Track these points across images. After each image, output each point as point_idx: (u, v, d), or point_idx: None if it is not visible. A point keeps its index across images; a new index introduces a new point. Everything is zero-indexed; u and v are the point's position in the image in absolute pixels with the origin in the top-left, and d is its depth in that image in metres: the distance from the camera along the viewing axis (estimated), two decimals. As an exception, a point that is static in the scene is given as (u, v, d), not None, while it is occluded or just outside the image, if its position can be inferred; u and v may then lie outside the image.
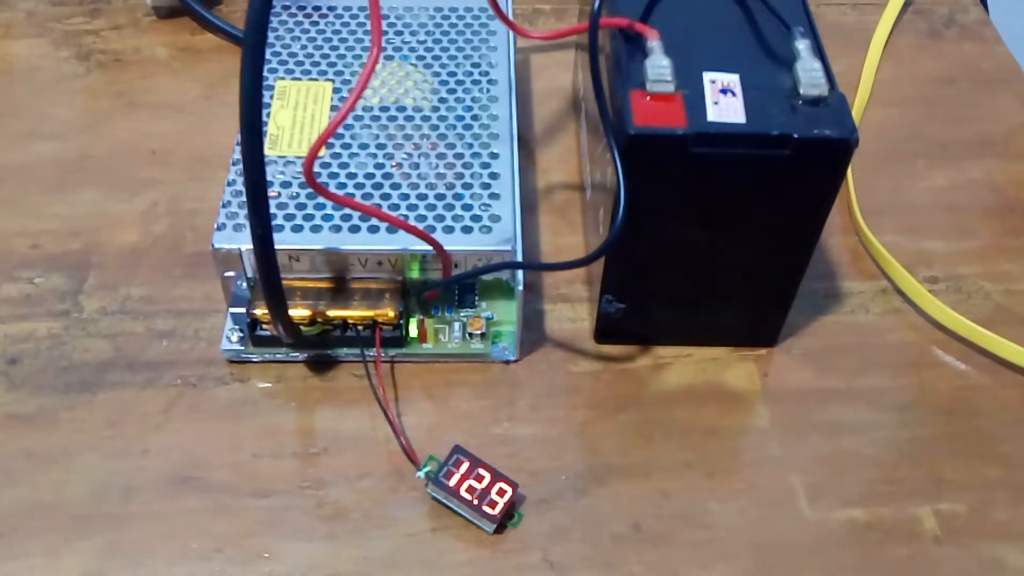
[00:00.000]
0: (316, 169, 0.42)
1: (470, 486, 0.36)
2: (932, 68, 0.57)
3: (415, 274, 0.41)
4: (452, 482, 0.36)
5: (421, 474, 0.37)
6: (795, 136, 0.35)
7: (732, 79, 0.36)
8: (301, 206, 0.41)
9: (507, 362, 0.42)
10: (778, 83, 0.36)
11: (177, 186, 0.48)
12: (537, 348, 0.43)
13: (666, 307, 0.41)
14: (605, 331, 0.43)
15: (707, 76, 0.36)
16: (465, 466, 0.37)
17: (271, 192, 0.41)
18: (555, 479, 0.39)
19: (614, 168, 0.36)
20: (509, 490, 0.36)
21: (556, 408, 0.41)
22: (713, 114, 0.35)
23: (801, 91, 0.35)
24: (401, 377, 0.42)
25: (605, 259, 0.39)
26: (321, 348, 0.42)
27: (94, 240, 0.46)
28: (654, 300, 0.41)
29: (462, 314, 0.43)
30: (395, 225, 0.39)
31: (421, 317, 0.42)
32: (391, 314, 0.40)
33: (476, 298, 0.43)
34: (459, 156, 0.43)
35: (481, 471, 0.37)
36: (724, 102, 0.35)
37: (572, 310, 0.45)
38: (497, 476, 0.37)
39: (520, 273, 0.40)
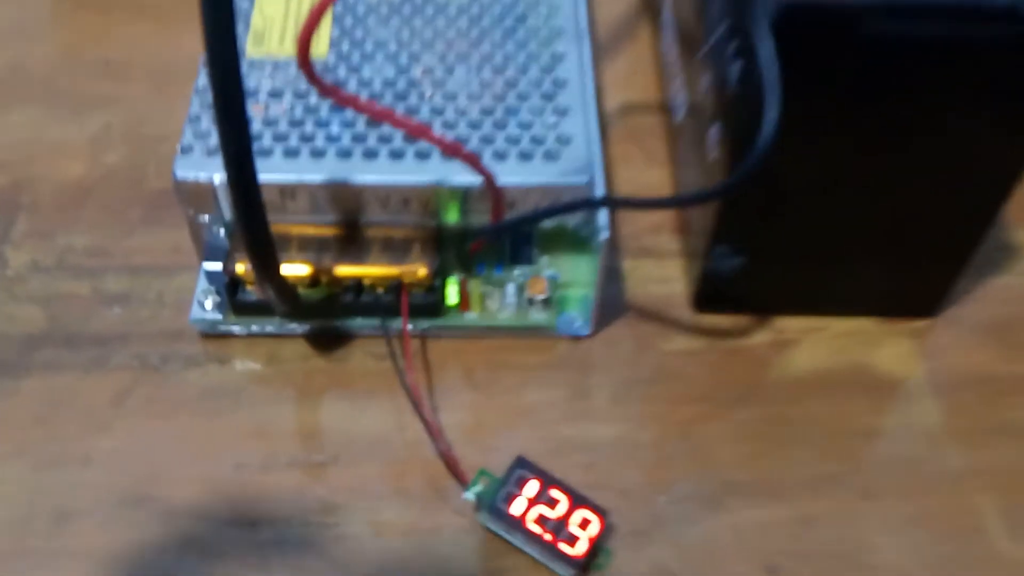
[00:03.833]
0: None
1: (541, 515, 0.26)
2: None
3: (454, 218, 0.30)
4: (515, 509, 0.26)
5: (470, 495, 0.27)
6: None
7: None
8: (296, 123, 0.30)
9: (578, 338, 0.32)
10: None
11: (136, 105, 0.37)
12: (616, 319, 0.32)
13: (798, 262, 0.30)
14: (709, 295, 0.32)
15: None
16: (533, 486, 0.26)
17: (256, 106, 0.30)
18: (653, 502, 0.28)
19: (751, 62, 0.25)
20: (596, 520, 0.26)
21: (647, 401, 0.30)
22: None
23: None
24: (436, 358, 0.31)
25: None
26: (327, 318, 0.31)
27: (25, 174, 0.35)
28: (784, 252, 0.30)
29: (517, 273, 0.32)
30: (430, 142, 0.28)
31: (463, 277, 0.32)
32: (422, 272, 0.30)
33: (535, 252, 0.32)
34: (510, 57, 0.32)
35: (555, 493, 0.26)
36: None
37: (660, 268, 0.34)
38: (578, 500, 0.26)
39: (604, 215, 0.28)
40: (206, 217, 0.30)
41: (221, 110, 0.22)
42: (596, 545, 0.26)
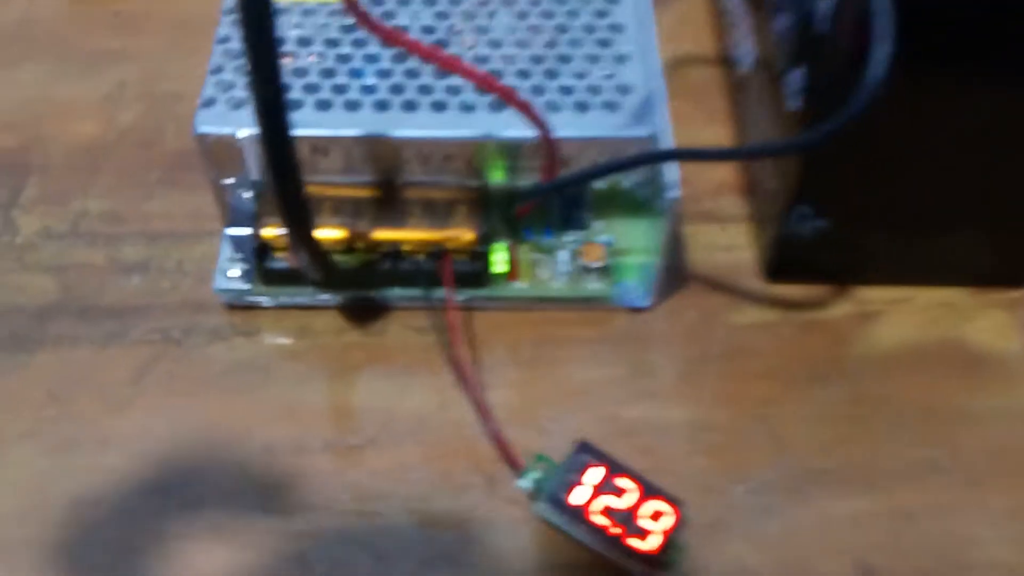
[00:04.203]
0: (348, 20, 0.28)
1: (607, 506, 0.23)
2: None
3: (500, 176, 0.28)
4: (578, 499, 0.23)
5: (526, 483, 0.24)
6: None
7: None
8: (328, 72, 0.27)
9: (637, 310, 0.29)
10: None
11: (152, 61, 0.34)
12: (677, 289, 0.29)
13: (887, 226, 0.27)
14: (784, 263, 0.29)
15: None
16: (598, 473, 0.23)
17: (284, 56, 0.28)
18: (729, 492, 0.25)
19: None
20: (670, 512, 0.23)
21: (717, 379, 0.27)
22: None
23: None
24: (482, 331, 0.28)
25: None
26: (363, 288, 0.28)
27: (35, 135, 0.32)
28: (873, 214, 0.27)
29: (569, 239, 0.29)
30: (481, 84, 0.24)
31: (511, 242, 0.29)
32: (468, 237, 0.27)
33: (588, 215, 0.29)
34: (559, 1, 0.29)
35: (623, 481, 0.23)
36: None
37: (725, 234, 0.31)
38: (650, 490, 0.23)
39: (675, 170, 0.26)
40: (232, 179, 0.27)
41: (251, 42, 0.19)
42: (669, 540, 0.23)
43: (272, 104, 0.20)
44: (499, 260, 0.28)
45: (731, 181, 0.32)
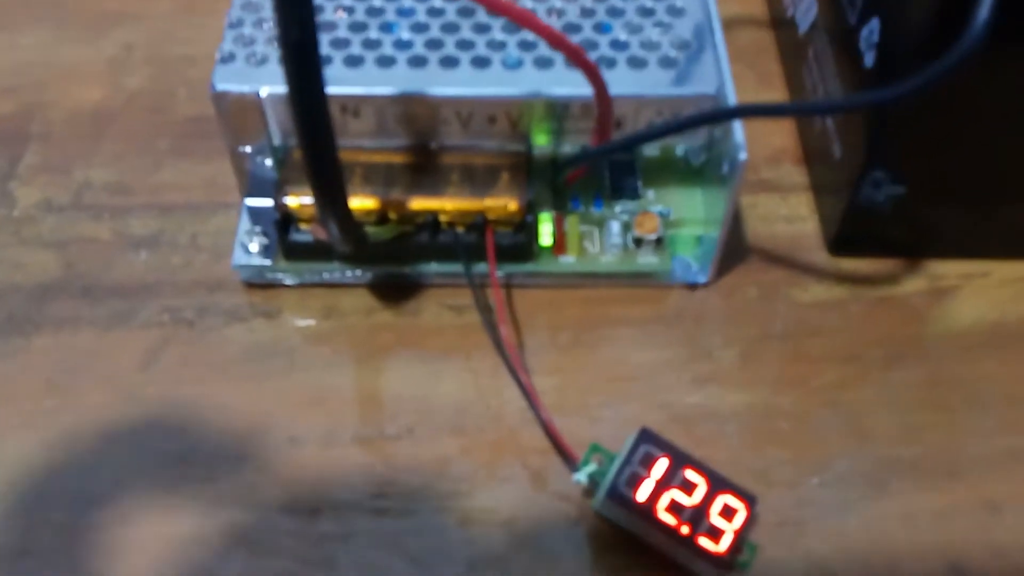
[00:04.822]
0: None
1: (673, 502, 0.21)
2: None
3: (545, 140, 0.25)
4: (642, 494, 0.21)
5: (582, 476, 0.22)
6: None
7: None
8: (359, 26, 0.25)
9: (694, 286, 0.26)
10: None
11: (162, 21, 0.32)
12: (736, 264, 0.27)
13: (968, 194, 0.25)
14: (852, 235, 0.26)
15: None
16: (662, 465, 0.21)
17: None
18: (802, 484, 0.23)
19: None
20: (742, 508, 0.21)
21: (783, 361, 0.25)
22: None
23: None
24: (525, 309, 0.26)
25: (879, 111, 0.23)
26: (396, 263, 0.25)
27: (36, 100, 0.30)
28: (954, 181, 0.24)
29: (619, 210, 0.27)
30: (554, 43, 0.22)
31: (558, 213, 0.26)
32: (512, 207, 0.24)
33: (640, 183, 0.27)
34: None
35: (691, 474, 0.21)
36: None
37: (785, 204, 0.28)
38: (719, 484, 0.21)
39: (740, 132, 0.23)
40: (250, 148, 0.25)
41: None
42: (740, 539, 0.21)
43: (304, 49, 0.18)
44: (545, 232, 0.25)
45: (790, 148, 0.29)
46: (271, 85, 0.23)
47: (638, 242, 0.26)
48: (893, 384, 0.25)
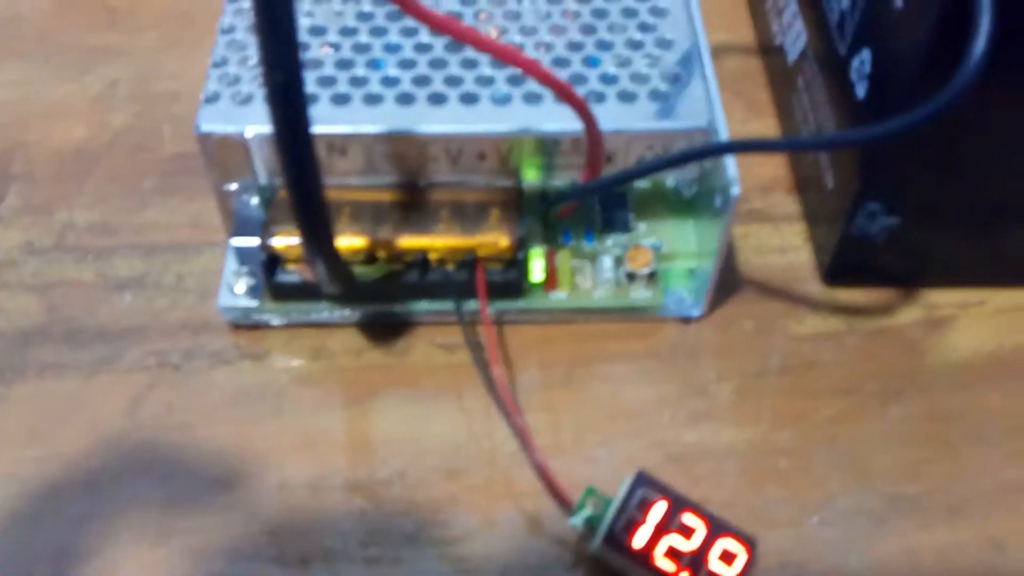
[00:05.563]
0: (365, 7, 0.26)
1: (671, 547, 0.20)
2: None
3: (535, 175, 0.25)
4: (639, 540, 0.20)
5: (578, 521, 0.21)
6: None
7: None
8: (345, 64, 0.25)
9: (687, 320, 0.26)
10: None
11: (147, 59, 0.32)
12: (729, 296, 0.27)
13: (963, 222, 0.25)
14: (846, 265, 0.26)
15: None
16: (660, 509, 0.21)
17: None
18: (802, 524, 0.23)
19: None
20: (743, 552, 0.20)
21: (780, 396, 0.25)
22: None
23: None
24: (517, 346, 0.25)
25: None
26: (385, 301, 0.25)
27: (18, 139, 0.29)
28: (950, 210, 0.24)
29: (611, 243, 0.26)
30: (558, 92, 0.22)
31: (549, 248, 0.26)
32: (504, 244, 0.24)
33: (631, 216, 0.27)
34: (597, -15, 0.27)
35: (690, 518, 0.20)
36: None
37: (777, 234, 0.28)
38: (718, 527, 0.20)
39: (734, 165, 0.23)
40: (235, 186, 0.25)
41: (263, 16, 0.17)
42: (742, 582, 0.20)
43: (289, 89, 0.18)
44: (536, 268, 0.25)
45: (782, 177, 0.29)
46: (256, 125, 0.23)
47: (631, 277, 0.25)
48: (892, 419, 0.24)
